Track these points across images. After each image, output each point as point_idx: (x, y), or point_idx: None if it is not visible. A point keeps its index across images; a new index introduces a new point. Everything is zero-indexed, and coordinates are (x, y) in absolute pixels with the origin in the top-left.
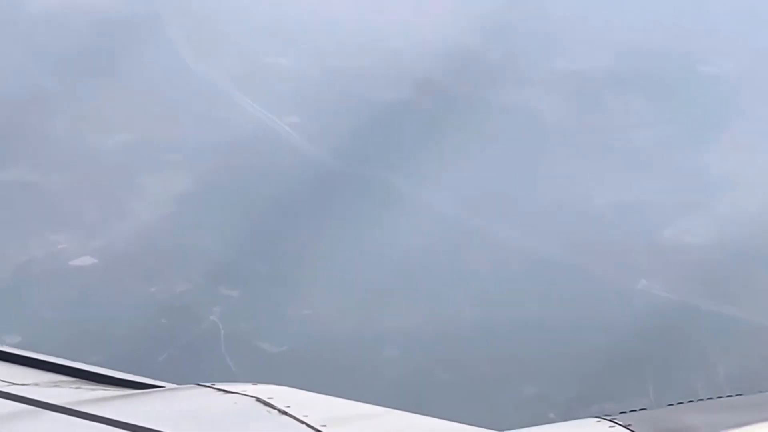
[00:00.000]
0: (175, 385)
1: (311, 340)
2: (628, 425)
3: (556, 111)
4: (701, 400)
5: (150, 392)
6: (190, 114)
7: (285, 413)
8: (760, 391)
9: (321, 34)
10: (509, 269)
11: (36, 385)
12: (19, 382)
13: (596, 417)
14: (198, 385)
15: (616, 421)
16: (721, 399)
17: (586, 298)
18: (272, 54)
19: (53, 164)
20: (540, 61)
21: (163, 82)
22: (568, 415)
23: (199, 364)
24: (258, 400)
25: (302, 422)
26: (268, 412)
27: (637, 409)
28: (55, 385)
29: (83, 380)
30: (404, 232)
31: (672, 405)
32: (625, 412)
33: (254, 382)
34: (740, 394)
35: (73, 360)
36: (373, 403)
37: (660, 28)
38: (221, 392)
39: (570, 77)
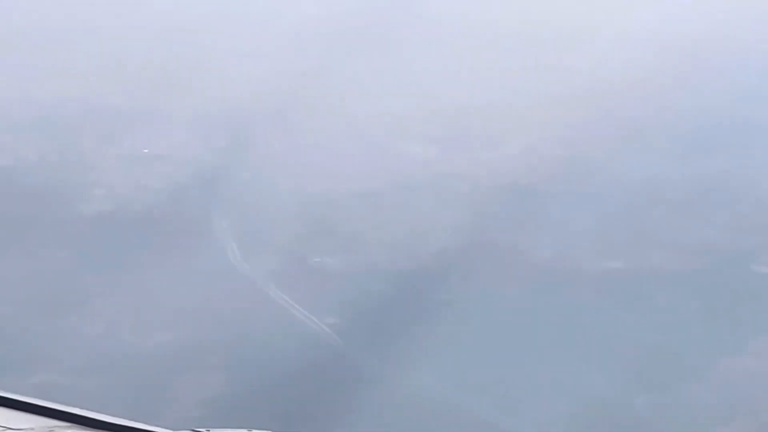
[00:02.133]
0: (170, 431)
1: None
2: None
3: (598, 311)
4: None
5: None
6: (228, 315)
7: None
8: None
9: (373, 235)
10: None
11: (32, 429)
12: (14, 427)
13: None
14: (193, 430)
15: None
16: None
17: None
18: (319, 254)
19: (87, 367)
20: (584, 259)
21: (204, 281)
22: None
23: None
24: None
25: None
26: None
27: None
28: (50, 430)
29: (78, 425)
30: None
31: None
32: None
33: (249, 428)
34: None
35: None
36: None
37: (713, 225)
38: None
39: (617, 274)
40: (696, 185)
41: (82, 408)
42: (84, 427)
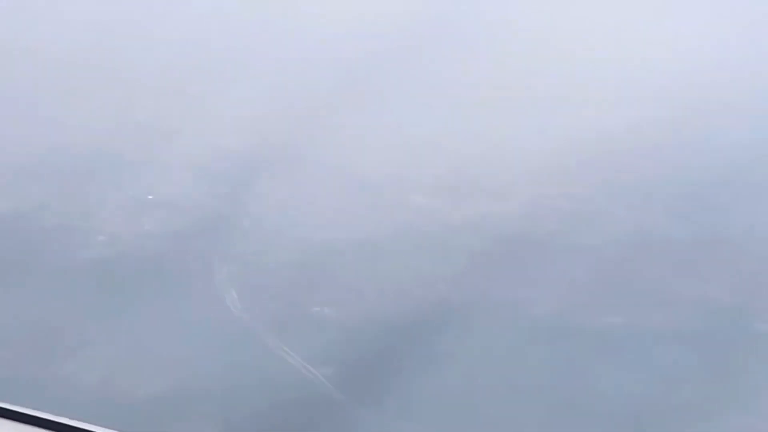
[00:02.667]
0: None
1: None
2: None
3: (597, 366)
4: None
5: None
6: (225, 364)
7: None
8: None
9: (373, 285)
10: None
11: None
12: None
13: None
14: None
15: None
16: None
17: None
18: (318, 304)
19: (81, 414)
20: (585, 314)
21: (203, 329)
22: None
23: None
24: None
25: None
26: None
27: None
28: None
29: None
30: None
31: None
32: None
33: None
34: None
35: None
36: None
37: (715, 282)
38: None
39: (617, 330)
40: (698, 242)
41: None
42: None
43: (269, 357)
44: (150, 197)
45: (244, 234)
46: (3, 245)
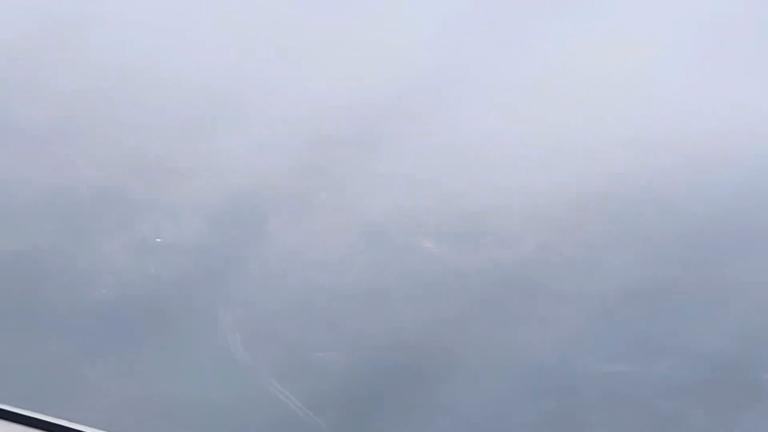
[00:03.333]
0: None
1: None
2: None
3: (600, 415)
4: None
5: None
6: (226, 408)
7: None
8: None
9: (377, 330)
10: None
11: None
12: None
13: None
14: None
15: None
16: None
17: None
18: (322, 349)
19: None
20: (589, 363)
21: (205, 373)
22: None
23: None
24: None
25: None
26: None
27: None
28: None
29: None
30: None
31: None
32: None
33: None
34: None
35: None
36: None
37: (723, 335)
38: None
39: (621, 378)
40: (703, 291)
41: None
42: None
43: (270, 402)
44: (158, 240)
45: (251, 277)
46: (9, 286)
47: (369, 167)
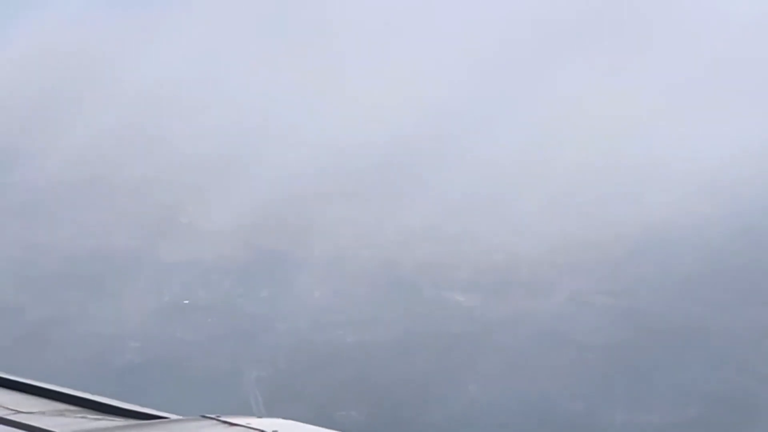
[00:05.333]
0: (180, 417)
1: None
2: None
3: None
4: None
5: (155, 423)
6: None
7: None
8: None
9: (404, 388)
10: None
11: (42, 413)
12: (25, 410)
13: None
14: (203, 417)
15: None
16: None
17: None
18: (345, 407)
19: None
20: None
21: None
22: None
23: None
24: None
25: None
26: None
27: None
28: (61, 414)
29: (88, 410)
30: None
31: None
32: None
33: (259, 415)
34: None
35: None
36: None
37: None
38: (226, 425)
39: (651, 429)
40: (740, 336)
41: (92, 393)
42: (94, 411)
43: None
44: (186, 302)
45: (277, 336)
46: (37, 355)
47: (398, 218)
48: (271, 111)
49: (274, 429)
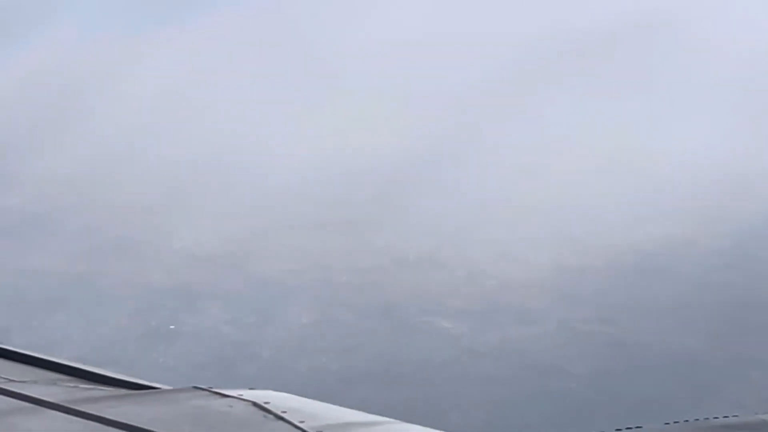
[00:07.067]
0: (171, 387)
1: None
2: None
3: None
4: None
5: (146, 393)
6: None
7: (281, 418)
8: None
9: (383, 416)
10: None
11: (34, 382)
12: (18, 379)
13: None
14: (195, 388)
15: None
16: None
17: None
18: None
19: None
20: None
21: None
22: None
23: None
24: (254, 404)
25: (298, 428)
26: (264, 417)
27: None
28: (53, 383)
29: (80, 379)
30: None
31: None
32: None
33: (252, 387)
34: None
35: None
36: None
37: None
38: (218, 396)
39: None
40: (731, 366)
41: (84, 363)
42: (86, 380)
43: None
44: (172, 327)
45: (261, 363)
46: None
47: (382, 243)
48: (264, 135)
49: (266, 400)
